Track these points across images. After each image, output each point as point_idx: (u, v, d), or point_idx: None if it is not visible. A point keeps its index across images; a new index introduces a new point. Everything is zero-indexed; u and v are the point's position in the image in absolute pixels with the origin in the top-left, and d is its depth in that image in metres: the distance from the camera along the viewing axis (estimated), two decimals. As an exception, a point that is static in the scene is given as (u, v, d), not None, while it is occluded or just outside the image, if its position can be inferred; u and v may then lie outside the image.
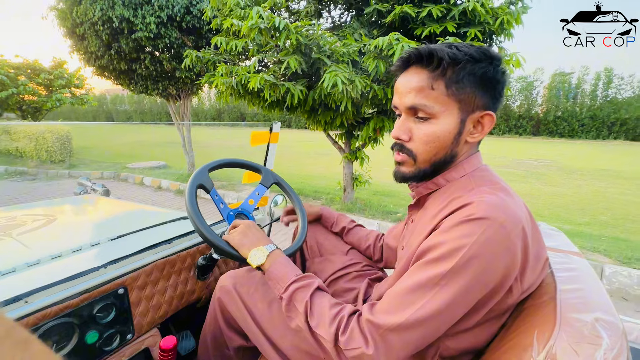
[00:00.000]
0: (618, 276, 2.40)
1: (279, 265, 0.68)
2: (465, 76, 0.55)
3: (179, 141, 6.14)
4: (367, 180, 4.19)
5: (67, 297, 0.69)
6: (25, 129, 7.92)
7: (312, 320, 0.58)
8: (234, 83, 2.92)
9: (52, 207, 1.47)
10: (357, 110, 3.09)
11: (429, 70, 0.56)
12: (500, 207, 0.49)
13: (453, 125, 0.57)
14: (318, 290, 0.63)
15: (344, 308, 0.59)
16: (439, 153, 0.59)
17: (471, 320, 0.54)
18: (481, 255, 0.47)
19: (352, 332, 0.53)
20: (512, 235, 0.48)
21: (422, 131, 0.59)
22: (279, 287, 0.66)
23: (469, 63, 0.55)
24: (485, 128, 0.59)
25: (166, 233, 1.04)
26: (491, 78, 0.56)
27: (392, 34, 2.37)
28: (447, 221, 0.53)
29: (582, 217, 4.14)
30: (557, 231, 0.78)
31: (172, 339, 0.72)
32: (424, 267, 0.52)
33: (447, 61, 0.54)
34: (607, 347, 0.39)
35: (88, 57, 4.93)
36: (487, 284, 0.49)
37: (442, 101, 0.56)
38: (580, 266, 0.58)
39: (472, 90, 0.56)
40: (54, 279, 0.71)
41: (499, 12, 2.70)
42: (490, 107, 0.58)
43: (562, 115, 21.23)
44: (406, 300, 0.51)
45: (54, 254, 0.87)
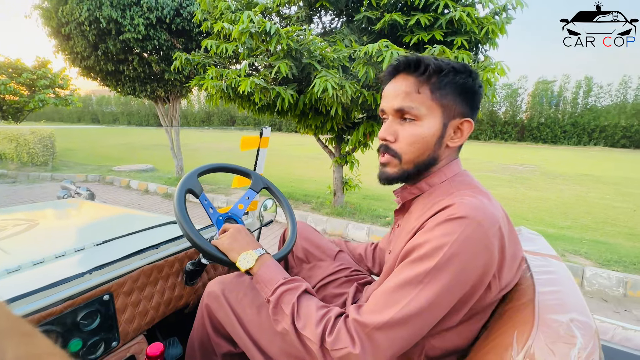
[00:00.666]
0: (598, 278, 2.49)
1: (267, 269, 0.69)
2: (448, 84, 0.60)
3: (167, 144, 6.06)
4: (357, 185, 4.22)
5: (49, 304, 0.67)
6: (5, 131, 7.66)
7: (298, 322, 0.59)
8: (224, 86, 2.91)
9: (34, 211, 1.43)
10: (347, 115, 3.13)
11: (416, 76, 0.61)
12: (479, 207, 0.52)
13: (436, 128, 0.61)
14: (305, 293, 0.64)
15: (331, 310, 0.59)
16: (423, 154, 0.63)
17: (454, 318, 0.56)
18: (461, 252, 0.50)
19: (339, 333, 0.54)
20: (490, 234, 0.51)
21: (407, 132, 0.62)
22: (266, 290, 0.66)
23: (452, 73, 0.60)
24: (464, 134, 0.64)
25: (154, 238, 1.03)
26: (470, 88, 0.62)
27: (382, 41, 2.41)
28: (429, 221, 0.56)
29: (565, 221, 4.27)
30: (537, 235, 0.81)
31: (159, 346, 0.71)
32: (408, 266, 0.54)
33: (432, 68, 0.60)
34: (580, 346, 0.41)
35: (73, 58, 4.83)
36: (468, 281, 0.52)
37: (427, 105, 0.61)
38: (558, 269, 0.60)
39: (453, 97, 0.61)
40: (35, 285, 0.69)
41: (484, 22, 2.79)
42: (469, 115, 0.63)
43: (545, 121, 21.91)
44: (391, 299, 0.53)
45: (36, 260, 0.85)
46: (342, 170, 4.06)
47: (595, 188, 6.76)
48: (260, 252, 0.72)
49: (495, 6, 2.94)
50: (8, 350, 0.16)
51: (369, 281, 0.97)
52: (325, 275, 0.97)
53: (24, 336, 0.17)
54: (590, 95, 21.28)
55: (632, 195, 6.12)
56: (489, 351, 0.49)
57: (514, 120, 22.84)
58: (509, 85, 22.94)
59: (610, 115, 20.15)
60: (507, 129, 22.79)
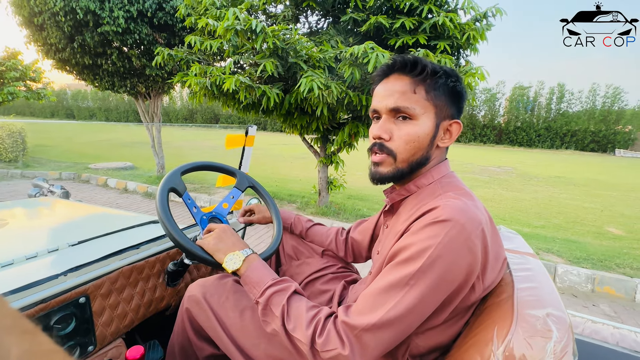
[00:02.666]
0: (569, 275, 2.62)
1: (255, 270, 0.68)
2: (441, 86, 0.63)
3: (148, 141, 5.87)
4: (341, 185, 4.25)
5: (19, 308, 0.64)
6: (-30, 124, 7.19)
7: (288, 324, 0.59)
8: (208, 84, 2.86)
9: (2, 210, 1.35)
10: (332, 115, 3.14)
11: (412, 76, 0.63)
12: (463, 210, 0.54)
13: (430, 128, 0.63)
14: (295, 294, 0.64)
15: (321, 311, 0.60)
16: (417, 153, 0.64)
17: (439, 317, 0.58)
18: (445, 254, 0.51)
19: (329, 334, 0.54)
20: (473, 236, 0.52)
21: (403, 131, 0.63)
22: (255, 291, 0.65)
23: (445, 76, 0.63)
24: (454, 135, 0.66)
25: (133, 238, 1.00)
26: (459, 92, 0.64)
27: (367, 43, 2.44)
28: (415, 224, 0.57)
29: (538, 221, 4.47)
30: (515, 234, 0.84)
31: (139, 349, 0.69)
32: (394, 268, 0.55)
33: (429, 69, 0.62)
34: (556, 340, 0.43)
35: (47, 49, 4.60)
36: (453, 282, 0.53)
37: (423, 104, 0.62)
38: (535, 266, 0.63)
39: (445, 99, 0.63)
40: (4, 289, 0.65)
41: (466, 28, 2.88)
42: (457, 117, 0.65)
43: (521, 125, 22.86)
44: (379, 301, 0.53)
45: (4, 262, 0.80)
46: (327, 170, 4.08)
47: (566, 189, 7.11)
48: (247, 252, 0.71)
49: (476, 13, 3.04)
50: (12, 347, 0.16)
51: (356, 279, 0.98)
52: (313, 272, 0.97)
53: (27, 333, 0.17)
54: (563, 101, 22.39)
55: (600, 196, 6.48)
56: (471, 347, 0.51)
57: (492, 123, 23.68)
58: (488, 90, 23.77)
59: (580, 120, 21.30)
60: (486, 132, 23.60)
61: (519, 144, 22.68)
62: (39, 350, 0.17)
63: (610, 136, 20.57)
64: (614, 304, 2.37)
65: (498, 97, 23.84)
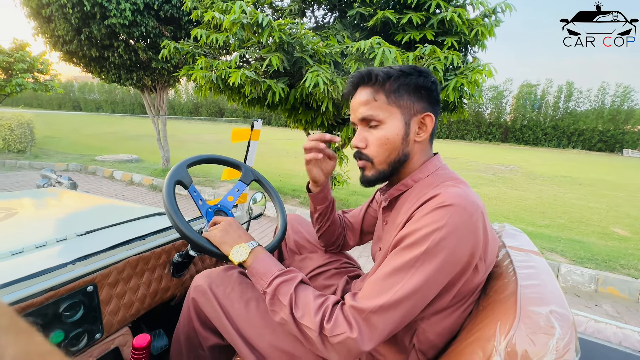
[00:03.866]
0: (572, 275, 2.61)
1: (261, 262, 0.69)
2: (400, 86, 0.66)
3: (153, 134, 5.91)
4: (345, 180, 4.25)
5: (29, 295, 0.65)
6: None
7: (297, 312, 0.60)
8: (213, 77, 2.86)
9: (11, 200, 1.37)
10: (337, 111, 3.13)
11: (370, 86, 0.68)
12: (463, 195, 0.57)
13: (399, 127, 0.66)
14: (302, 284, 0.66)
15: (328, 298, 0.62)
16: (392, 154, 0.68)
17: (444, 300, 0.60)
18: (450, 236, 0.53)
19: (337, 319, 0.56)
20: (474, 218, 0.55)
21: (374, 136, 0.68)
22: (262, 282, 0.66)
23: (402, 76, 0.66)
24: (428, 127, 0.68)
25: (139, 229, 1.01)
26: (422, 87, 0.67)
27: (374, 38, 2.42)
28: (418, 212, 0.59)
29: (543, 220, 4.44)
30: (520, 232, 0.84)
31: (146, 337, 0.70)
32: (399, 253, 0.57)
33: (381, 77, 0.66)
34: (559, 337, 0.43)
35: (55, 41, 4.62)
36: (457, 263, 0.55)
37: (385, 109, 0.66)
38: (538, 264, 0.63)
39: (408, 97, 0.66)
40: (14, 276, 0.67)
41: (474, 24, 2.84)
42: (429, 110, 0.68)
43: (527, 124, 22.60)
44: (386, 285, 0.56)
45: (14, 250, 0.82)
46: (331, 166, 4.07)
47: (572, 189, 7.04)
48: (252, 244, 0.72)
49: (485, 8, 3.00)
50: (8, 347, 0.16)
51: (358, 274, 0.98)
52: (316, 267, 0.98)
53: (23, 333, 0.17)
54: (571, 99, 22.07)
55: (606, 196, 6.41)
56: (472, 342, 0.51)
57: (498, 121, 23.45)
58: (495, 88, 23.50)
59: (588, 119, 21.00)
60: (491, 130, 23.38)
61: (525, 143, 22.45)
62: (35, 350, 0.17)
63: (618, 136, 20.28)
64: (617, 305, 2.35)
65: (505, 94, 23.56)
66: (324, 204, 0.93)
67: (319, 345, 0.57)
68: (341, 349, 0.55)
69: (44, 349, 0.17)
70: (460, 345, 0.54)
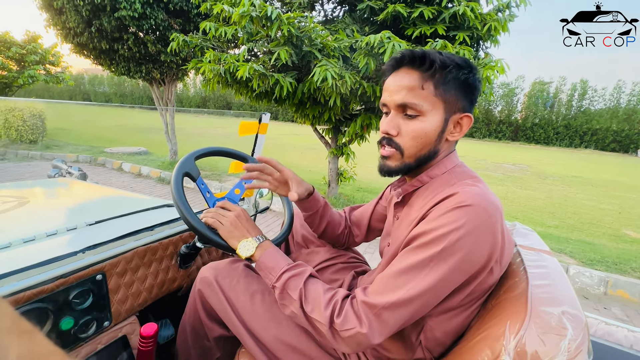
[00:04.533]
0: (581, 276, 2.56)
1: (269, 256, 0.69)
2: (451, 80, 0.61)
3: (161, 127, 5.95)
4: (351, 176, 4.23)
5: (41, 281, 0.66)
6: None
7: (307, 306, 0.60)
8: (222, 71, 2.86)
9: (24, 189, 1.40)
10: (345, 106, 3.11)
11: (421, 71, 0.61)
12: (482, 195, 0.55)
13: (438, 123, 0.62)
14: (311, 277, 0.66)
15: (337, 292, 0.62)
16: (424, 149, 0.64)
17: (455, 299, 0.59)
18: (468, 237, 0.52)
19: (347, 314, 0.57)
20: (493, 219, 0.53)
21: (410, 127, 0.63)
22: (270, 276, 0.67)
23: (455, 68, 0.61)
24: (464, 128, 0.65)
25: (147, 220, 1.02)
26: (471, 84, 0.63)
27: (384, 32, 2.38)
28: (434, 210, 0.57)
29: (552, 220, 4.36)
30: (531, 231, 0.83)
31: (153, 326, 0.71)
32: (413, 251, 0.56)
33: (438, 64, 0.60)
34: (571, 338, 0.42)
35: (66, 33, 4.67)
36: (474, 264, 0.54)
37: (431, 100, 0.61)
38: (550, 264, 0.62)
39: (455, 93, 0.62)
40: (27, 263, 0.68)
41: (487, 19, 2.78)
42: (468, 110, 0.64)
43: (539, 122, 22.15)
44: (399, 282, 0.55)
45: (26, 238, 0.83)
46: (337, 162, 4.06)
47: (583, 189, 6.91)
48: (260, 239, 0.72)
49: (499, 3, 2.93)
50: (11, 348, 0.16)
51: (365, 270, 0.98)
52: (323, 260, 0.98)
53: (26, 334, 0.17)
54: (585, 98, 21.53)
55: (619, 198, 6.28)
56: (481, 340, 0.50)
57: (509, 119, 23.03)
58: (507, 85, 23.05)
59: (602, 119, 20.48)
60: (501, 128, 22.99)
61: (536, 142, 22.04)
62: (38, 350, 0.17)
63: (633, 136, 19.74)
64: (626, 308, 2.31)
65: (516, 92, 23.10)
66: (308, 212, 0.94)
67: (329, 338, 0.58)
68: (351, 342, 0.56)
69: (47, 350, 0.17)
70: (468, 344, 0.54)
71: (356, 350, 0.58)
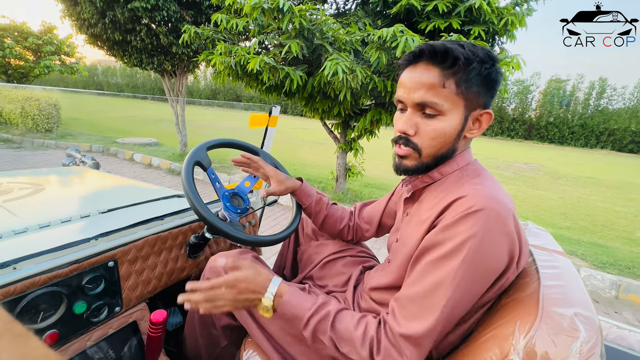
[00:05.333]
0: (592, 279, 2.51)
1: (287, 305, 0.62)
2: (474, 76, 0.57)
3: (172, 119, 6.01)
4: (359, 172, 4.21)
5: (56, 266, 0.68)
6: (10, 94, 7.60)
7: (342, 348, 0.58)
8: (232, 63, 2.86)
9: (39, 176, 1.44)
10: (355, 100, 3.08)
11: (442, 68, 0.57)
12: (493, 197, 0.53)
13: (458, 122, 0.60)
14: (337, 316, 0.61)
15: (368, 325, 0.58)
16: (443, 148, 0.62)
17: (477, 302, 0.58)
18: (486, 244, 0.51)
19: (387, 351, 0.54)
20: (507, 221, 0.52)
21: (430, 127, 0.60)
22: (296, 324, 0.62)
23: (478, 64, 0.57)
24: (483, 125, 0.62)
25: (158, 210, 1.04)
26: (493, 79, 0.59)
27: (397, 26, 2.34)
28: (446, 217, 0.55)
29: (564, 222, 4.27)
30: (544, 231, 0.81)
31: (163, 313, 0.72)
32: (434, 264, 0.54)
33: (462, 62, 0.56)
34: (583, 340, 0.41)
35: (80, 24, 4.73)
36: (497, 269, 0.53)
37: (452, 99, 0.58)
38: (563, 265, 0.61)
39: (477, 89, 0.58)
40: (42, 247, 0.70)
41: (504, 13, 2.70)
42: (488, 106, 0.62)
43: (554, 121, 21.59)
44: (428, 304, 0.53)
45: (42, 223, 0.86)
46: (345, 157, 4.04)
47: (597, 191, 6.73)
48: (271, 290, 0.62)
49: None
50: (3, 351, 0.15)
51: (373, 265, 0.98)
52: (331, 253, 0.98)
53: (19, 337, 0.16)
54: (603, 97, 20.86)
55: (635, 200, 6.10)
56: (489, 339, 0.50)
57: (522, 117, 22.51)
58: (521, 82, 22.48)
59: (621, 119, 19.82)
60: (514, 127, 22.51)
61: (550, 141, 21.51)
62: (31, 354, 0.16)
63: (653, 137, 19.09)
64: (638, 313, 2.26)
65: (531, 89, 22.51)
66: (304, 204, 0.95)
67: None
68: None
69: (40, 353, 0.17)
70: (475, 342, 0.53)
71: None
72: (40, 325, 0.65)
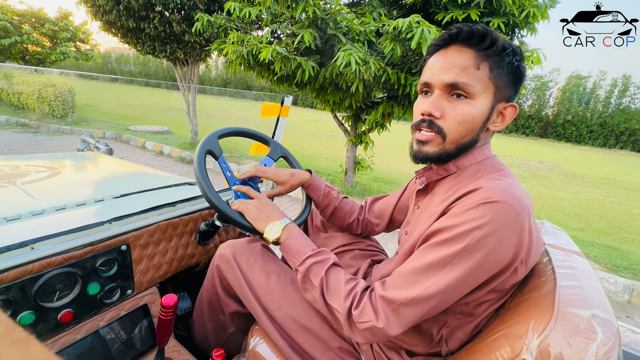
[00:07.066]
0: (604, 283, 2.46)
1: (294, 240, 0.69)
2: (506, 65, 0.56)
3: (183, 108, 6.06)
4: (369, 166, 4.18)
5: (71, 248, 0.70)
6: (28, 79, 7.77)
7: (327, 294, 0.61)
8: (244, 52, 2.84)
9: (55, 160, 1.47)
10: (367, 93, 3.03)
11: (477, 50, 0.56)
12: (509, 192, 0.51)
13: (486, 110, 0.58)
14: (334, 266, 0.65)
15: (358, 284, 0.61)
16: (468, 135, 0.60)
17: (475, 296, 0.57)
18: (493, 235, 0.49)
19: (364, 307, 0.56)
20: (520, 217, 0.50)
21: (458, 110, 0.58)
22: (294, 260, 0.67)
23: (512, 53, 0.57)
24: (507, 119, 0.61)
25: (170, 196, 1.05)
26: (522, 72, 0.59)
27: (413, 16, 2.28)
28: (457, 206, 0.55)
29: (578, 223, 4.18)
30: (561, 230, 0.79)
31: (174, 297, 0.74)
32: (434, 247, 0.54)
33: (499, 46, 0.55)
34: (600, 342, 0.40)
35: (95, 11, 4.76)
36: (497, 263, 0.51)
37: (484, 83, 0.56)
38: (580, 265, 0.59)
39: (507, 78, 0.58)
40: (58, 229, 0.72)
41: (526, 4, 2.60)
42: (512, 100, 0.60)
43: (572, 119, 20.93)
44: (418, 278, 0.54)
45: (58, 206, 0.88)
46: (355, 150, 4.01)
47: (614, 193, 6.54)
48: (285, 222, 0.73)
49: (540, -13, 2.72)
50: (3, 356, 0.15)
51: (381, 259, 0.97)
52: (340, 245, 0.98)
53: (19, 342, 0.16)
54: (626, 95, 20.07)
55: (653, 203, 5.90)
56: (501, 337, 0.49)
57: (538, 115, 21.90)
58: (539, 77, 21.79)
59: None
60: (530, 124, 21.94)
61: (567, 139, 20.91)
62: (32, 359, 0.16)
63: (676, 138, 18.35)
64: (652, 318, 2.21)
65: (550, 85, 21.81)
66: (312, 197, 0.96)
67: (346, 327, 0.58)
68: (366, 335, 0.56)
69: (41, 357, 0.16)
70: (486, 339, 0.52)
71: (371, 341, 0.58)
72: (56, 304, 0.67)
